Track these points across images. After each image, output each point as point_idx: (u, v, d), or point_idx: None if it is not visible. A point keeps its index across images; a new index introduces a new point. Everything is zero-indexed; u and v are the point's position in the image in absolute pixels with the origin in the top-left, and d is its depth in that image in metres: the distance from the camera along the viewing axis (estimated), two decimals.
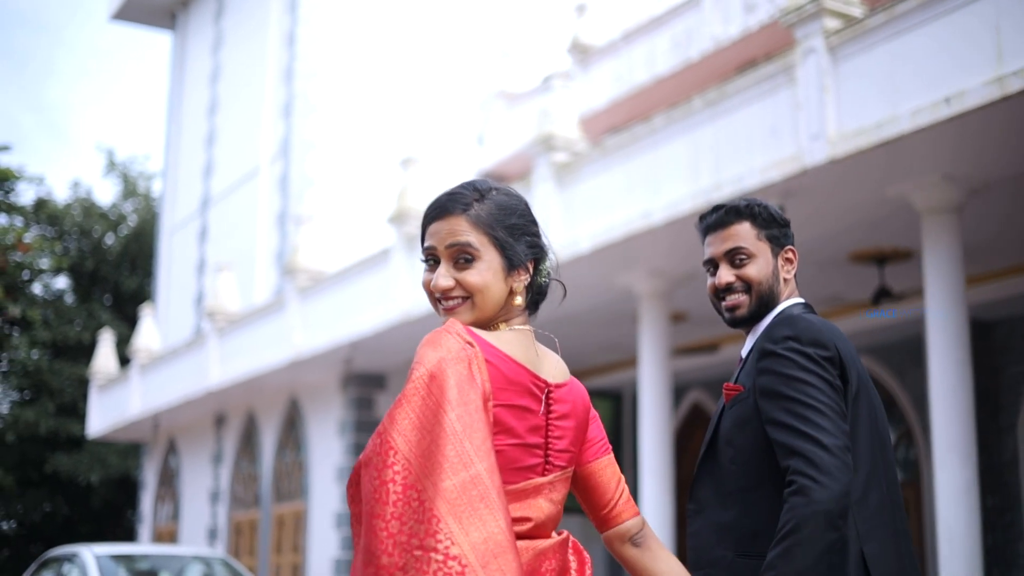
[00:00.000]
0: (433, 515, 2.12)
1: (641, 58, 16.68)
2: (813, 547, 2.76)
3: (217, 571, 12.79)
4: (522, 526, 2.37)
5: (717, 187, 9.41)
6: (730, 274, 3.18)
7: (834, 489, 2.78)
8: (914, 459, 13.33)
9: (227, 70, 23.20)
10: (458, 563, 2.09)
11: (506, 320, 2.47)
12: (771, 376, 2.97)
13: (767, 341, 3.03)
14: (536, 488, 2.41)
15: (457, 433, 2.18)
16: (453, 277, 2.43)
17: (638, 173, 10.38)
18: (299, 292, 16.34)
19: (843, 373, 2.98)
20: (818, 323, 3.04)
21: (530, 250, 2.50)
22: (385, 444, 2.19)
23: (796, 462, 2.83)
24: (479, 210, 2.44)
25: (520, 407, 2.39)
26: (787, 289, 3.22)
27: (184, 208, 24.68)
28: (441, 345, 2.29)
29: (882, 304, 11.35)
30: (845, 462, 2.82)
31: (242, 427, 20.32)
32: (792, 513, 2.78)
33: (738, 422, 3.07)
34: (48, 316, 29.86)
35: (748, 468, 3.03)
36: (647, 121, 10.32)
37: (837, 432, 2.86)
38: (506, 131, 19.42)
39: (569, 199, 11.19)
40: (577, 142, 11.43)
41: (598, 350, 15.37)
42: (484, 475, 2.18)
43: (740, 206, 3.21)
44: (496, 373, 2.35)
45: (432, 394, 2.22)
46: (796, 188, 9.06)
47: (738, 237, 3.18)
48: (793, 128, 8.82)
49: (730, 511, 3.05)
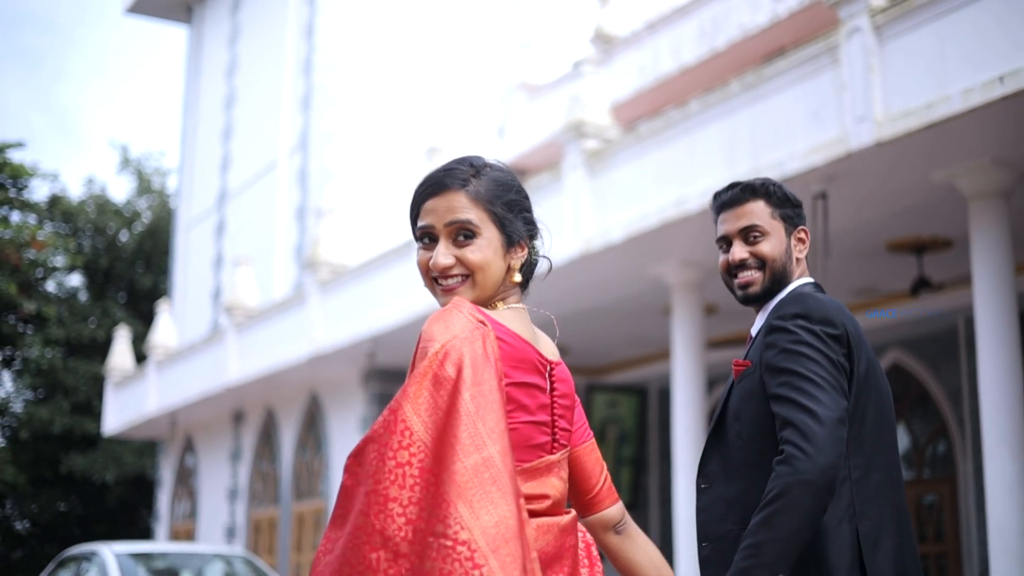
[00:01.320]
0: (445, 499, 2.09)
1: (666, 48, 16.40)
2: (794, 516, 2.78)
3: (239, 569, 12.55)
4: (541, 503, 2.36)
5: (755, 172, 9.11)
6: (744, 251, 3.20)
7: (820, 461, 2.79)
8: (950, 455, 13.04)
9: (244, 63, 22.97)
10: (467, 548, 2.06)
11: (503, 299, 2.44)
12: (776, 350, 2.99)
13: (775, 317, 3.05)
14: (548, 466, 2.40)
15: (471, 414, 2.15)
16: (453, 255, 2.38)
17: (672, 160, 10.11)
18: (320, 286, 16.09)
19: (850, 353, 3.01)
20: (828, 302, 3.05)
21: (527, 227, 2.47)
22: (400, 422, 2.16)
23: (788, 432, 2.86)
24: (477, 186, 2.41)
25: (530, 384, 2.37)
26: (799, 269, 3.24)
27: (201, 203, 24.45)
28: (453, 323, 2.26)
29: (921, 295, 11.05)
30: (837, 435, 2.84)
31: (261, 424, 20.09)
32: (776, 481, 2.81)
33: (744, 397, 3.09)
34: (62, 314, 29.68)
35: (753, 443, 3.05)
36: (682, 106, 10.04)
37: (833, 406, 2.87)
38: (527, 123, 19.15)
39: (600, 187, 10.92)
40: (608, 129, 11.16)
41: (624, 344, 15.10)
42: (496, 457, 2.14)
43: (755, 184, 3.23)
44: (507, 351, 2.33)
45: (447, 373, 2.18)
46: (839, 173, 8.78)
47: (752, 215, 3.20)
48: (837, 110, 8.54)
49: (736, 486, 3.07)
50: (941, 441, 13.24)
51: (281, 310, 17.32)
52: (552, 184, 11.41)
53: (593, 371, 16.66)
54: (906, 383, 13.44)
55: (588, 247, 10.80)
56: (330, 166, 19.22)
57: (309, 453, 18.50)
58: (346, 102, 19.55)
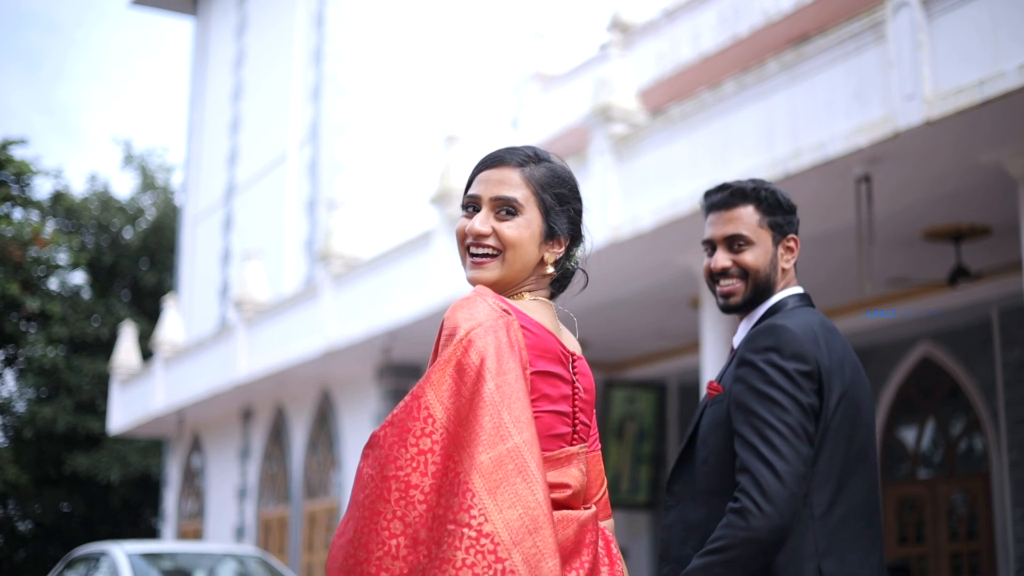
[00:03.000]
0: (468, 489, 2.08)
1: (686, 35, 16.07)
2: (735, 571, 2.76)
3: (253, 569, 12.19)
4: (563, 492, 2.32)
5: (795, 155, 8.77)
6: (727, 259, 3.14)
7: (775, 521, 2.77)
8: (982, 449, 12.69)
9: (252, 54, 22.62)
10: (491, 541, 2.05)
11: (531, 290, 2.44)
12: (744, 388, 2.94)
13: (748, 349, 2.99)
14: (568, 457, 2.37)
15: (496, 403, 2.14)
16: (491, 225, 2.38)
17: (705, 143, 9.76)
18: (333, 279, 15.73)
19: (821, 388, 2.94)
20: (802, 333, 2.97)
21: (570, 225, 2.46)
22: (423, 409, 2.15)
23: (746, 481, 2.82)
24: (534, 170, 2.42)
25: (553, 374, 2.35)
26: (785, 279, 3.17)
27: (208, 197, 24.10)
28: (477, 310, 2.25)
29: (959, 284, 10.69)
30: (794, 493, 2.80)
31: (270, 421, 19.74)
32: (727, 531, 2.78)
33: (714, 423, 3.05)
34: (66, 311, 29.37)
35: (716, 471, 3.02)
36: (716, 88, 9.69)
37: (794, 459, 2.83)
38: (541, 114, 18.81)
39: (628, 173, 10.56)
40: (636, 113, 10.80)
41: (646, 337, 14.73)
42: (523, 447, 2.13)
43: (747, 188, 3.16)
44: (531, 340, 2.31)
45: (471, 361, 2.17)
46: (884, 154, 8.42)
47: (739, 222, 3.14)
48: (884, 89, 8.18)
49: (698, 510, 3.04)
50: (974, 436, 12.89)
51: (292, 304, 16.97)
52: (578, 170, 11.05)
53: (612, 366, 16.31)
54: (936, 377, 13.11)
55: (616, 235, 10.45)
56: (341, 158, 18.87)
57: (321, 451, 18.14)
58: (357, 92, 19.19)
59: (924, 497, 13.10)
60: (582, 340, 11.28)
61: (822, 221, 9.79)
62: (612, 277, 11.40)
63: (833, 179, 8.83)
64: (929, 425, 13.27)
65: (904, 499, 13.36)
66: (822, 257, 10.94)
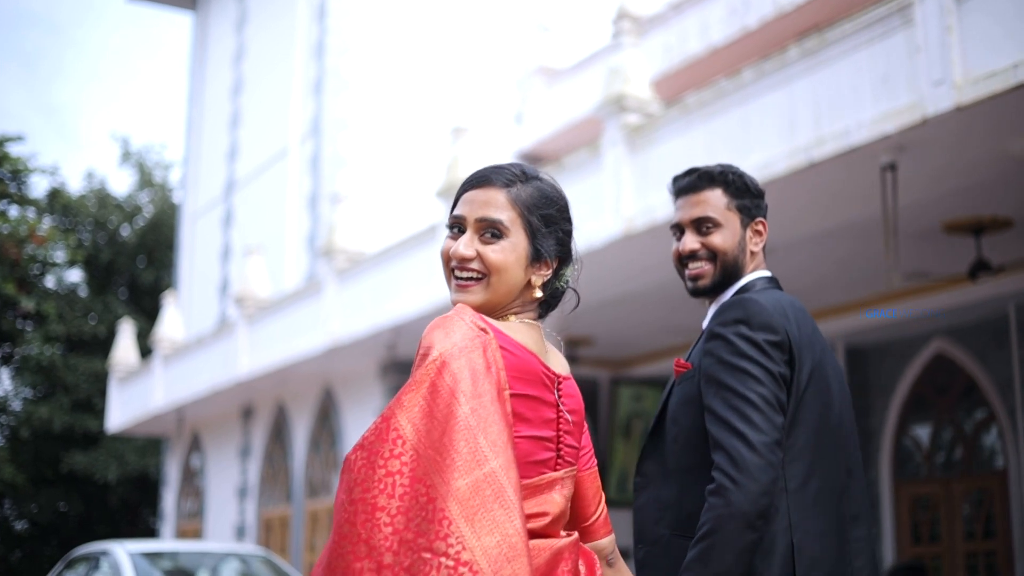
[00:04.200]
0: (444, 516, 2.03)
1: (694, 28, 15.85)
2: (729, 549, 2.74)
3: (257, 569, 11.95)
4: (539, 521, 2.27)
5: (819, 143, 8.54)
6: (695, 241, 3.14)
7: (752, 490, 2.75)
8: (998, 446, 12.48)
9: (252, 49, 22.36)
10: (469, 569, 2.01)
11: (517, 312, 2.39)
12: (713, 361, 2.93)
13: (716, 323, 2.98)
14: (550, 483, 2.32)
15: (471, 427, 2.10)
16: (476, 249, 2.34)
17: (723, 132, 9.53)
18: (337, 274, 15.48)
19: (792, 360, 2.93)
20: (770, 306, 2.97)
21: (558, 247, 2.41)
22: (392, 430, 2.11)
23: (720, 457, 2.81)
24: (520, 191, 2.37)
25: (534, 397, 2.30)
26: (754, 262, 3.17)
27: (207, 193, 23.84)
28: (453, 331, 2.20)
29: (980, 278, 10.47)
30: (769, 461, 2.79)
31: (271, 419, 19.49)
32: (710, 514, 2.77)
33: (683, 400, 3.03)
34: (62, 309, 29.13)
35: (688, 448, 3.00)
36: (734, 76, 9.46)
37: (768, 428, 2.82)
38: (546, 109, 18.59)
39: (643, 164, 10.33)
40: (650, 103, 10.57)
41: (656, 332, 14.49)
42: (499, 472, 2.09)
43: (714, 172, 3.17)
44: (511, 361, 2.26)
45: (445, 383, 2.13)
46: (911, 142, 8.19)
47: (707, 205, 3.14)
48: (911, 74, 7.95)
49: (670, 489, 3.03)
50: (989, 433, 12.69)
51: (295, 300, 16.72)
52: (591, 162, 10.83)
53: (618, 364, 16.09)
54: (951, 373, 12.90)
55: (630, 227, 10.22)
56: (343, 152, 18.61)
57: (323, 449, 17.90)
58: (360, 86, 18.93)
59: (939, 496, 12.90)
60: (587, 337, 11.07)
61: (845, 212, 9.58)
62: (625, 270, 11.17)
63: (857, 168, 8.61)
64: (944, 423, 13.07)
65: (918, 498, 13.15)
66: (843, 249, 10.74)
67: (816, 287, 12.18)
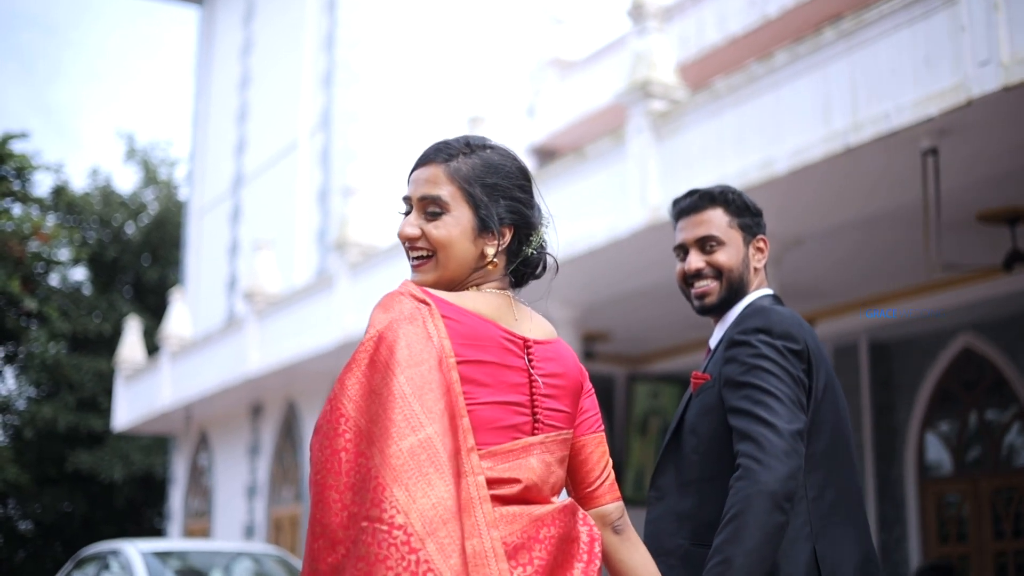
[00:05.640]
0: (379, 483, 2.06)
1: (712, 18, 15.59)
2: (759, 529, 2.73)
3: (272, 568, 11.67)
4: (511, 488, 2.25)
5: (856, 128, 8.26)
6: (700, 260, 3.19)
7: (779, 470, 2.77)
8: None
9: (260, 41, 22.08)
10: (403, 532, 2.03)
11: (477, 284, 2.38)
12: (736, 365, 2.97)
13: (737, 331, 3.03)
14: (526, 448, 2.30)
15: (406, 396, 2.12)
16: (420, 227, 2.36)
17: (755, 118, 9.24)
18: (350, 268, 15.20)
19: (810, 369, 2.99)
20: (788, 316, 3.03)
21: (509, 215, 2.38)
22: (336, 411, 2.15)
23: (745, 445, 2.84)
24: (461, 163, 2.38)
25: (492, 363, 2.29)
26: (757, 279, 3.23)
27: (214, 188, 23.56)
28: (392, 307, 2.24)
29: (1015, 269, 10.19)
30: (795, 447, 2.82)
31: (281, 417, 19.22)
32: (737, 496, 2.78)
33: (702, 411, 3.06)
34: (67, 307, 28.88)
35: (708, 458, 3.02)
36: (766, 59, 9.17)
37: (791, 418, 2.86)
38: (559, 101, 18.32)
39: (670, 152, 10.04)
40: (676, 89, 10.29)
41: (675, 328, 14.22)
42: (435, 438, 2.11)
43: (714, 192, 3.23)
44: (457, 329, 2.25)
45: (381, 356, 2.17)
46: (954, 125, 7.91)
47: (710, 224, 3.20)
48: (955, 55, 7.67)
49: (688, 500, 3.04)
50: (1018, 430, 12.41)
51: (306, 295, 16.44)
52: (614, 150, 10.55)
53: (634, 360, 15.82)
54: (979, 368, 12.62)
55: (655, 216, 9.93)
56: (354, 146, 18.32)
57: None
58: (371, 79, 18.64)
59: (966, 494, 12.61)
60: (603, 332, 10.72)
61: (880, 199, 9.30)
62: (650, 261, 10.89)
63: (896, 153, 8.33)
64: (971, 419, 12.78)
65: (945, 496, 12.87)
66: (879, 239, 10.47)
67: (842, 278, 11.92)
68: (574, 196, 10.94)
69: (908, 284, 11.91)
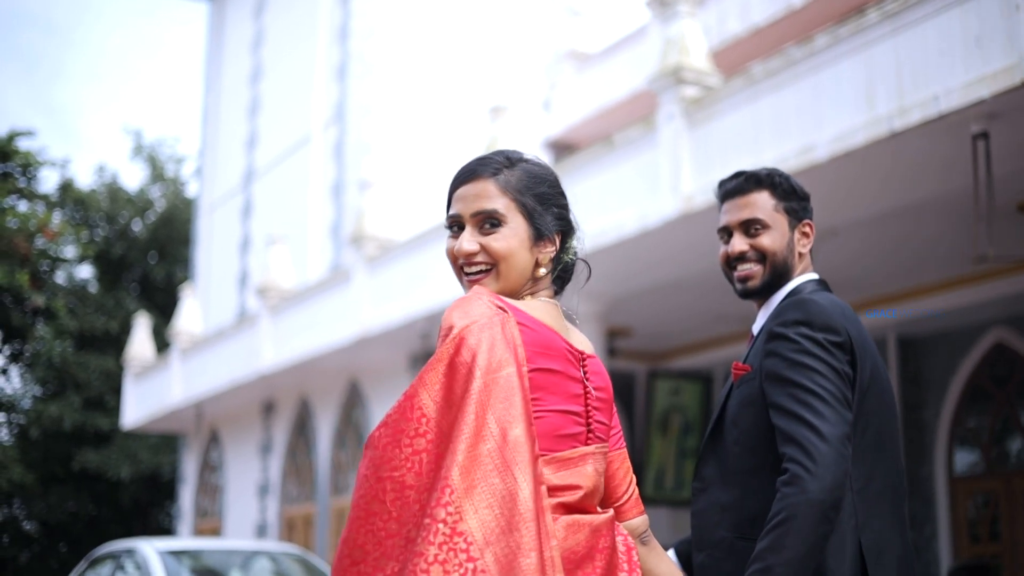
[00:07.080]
0: (447, 484, 2.07)
1: (734, 8, 15.32)
2: (804, 539, 2.70)
3: (290, 568, 11.40)
4: (572, 495, 2.29)
5: (902, 112, 7.98)
6: (744, 243, 3.15)
7: (827, 480, 2.72)
8: None
9: (271, 34, 21.80)
10: (464, 539, 2.04)
11: (532, 293, 2.42)
12: (777, 359, 2.92)
13: (777, 324, 2.97)
14: (582, 457, 2.34)
15: (482, 401, 2.13)
16: (478, 242, 2.38)
17: (793, 104, 8.96)
18: (367, 262, 14.92)
19: (853, 359, 2.93)
20: (829, 307, 2.96)
21: (558, 222, 2.44)
22: (416, 408, 2.16)
23: (792, 450, 2.79)
24: (508, 176, 2.40)
25: (558, 372, 2.33)
26: (802, 264, 3.18)
27: (225, 183, 23.28)
28: (472, 309, 2.25)
29: None
30: (841, 453, 2.78)
31: (294, 414, 18.95)
32: (784, 503, 2.74)
33: (744, 403, 3.03)
34: (74, 305, 28.64)
35: (750, 450, 2.99)
36: (806, 42, 8.89)
37: (838, 421, 2.81)
38: (576, 94, 18.05)
39: (703, 139, 9.76)
40: (709, 75, 10.02)
41: (698, 323, 13.95)
42: (509, 445, 2.12)
43: (761, 175, 3.19)
44: (531, 337, 2.29)
45: (463, 359, 2.17)
46: (1005, 109, 7.63)
47: (755, 207, 3.15)
48: (1007, 35, 7.39)
49: (732, 492, 3.02)
50: None
51: (322, 290, 16.17)
52: (645, 138, 10.28)
53: (655, 356, 15.55)
54: (1011, 364, 12.36)
55: (688, 206, 9.66)
56: (368, 139, 18.04)
57: (349, 444, 17.35)
58: (385, 71, 18.36)
59: (999, 492, 12.34)
60: (625, 328, 10.42)
61: (928, 187, 9.02)
62: (682, 252, 10.62)
63: (945, 137, 8.05)
64: (1004, 415, 12.51)
65: (977, 494, 12.59)
66: (914, 229, 10.20)
67: (875, 270, 11.65)
68: (602, 186, 10.67)
69: (940, 278, 11.65)
